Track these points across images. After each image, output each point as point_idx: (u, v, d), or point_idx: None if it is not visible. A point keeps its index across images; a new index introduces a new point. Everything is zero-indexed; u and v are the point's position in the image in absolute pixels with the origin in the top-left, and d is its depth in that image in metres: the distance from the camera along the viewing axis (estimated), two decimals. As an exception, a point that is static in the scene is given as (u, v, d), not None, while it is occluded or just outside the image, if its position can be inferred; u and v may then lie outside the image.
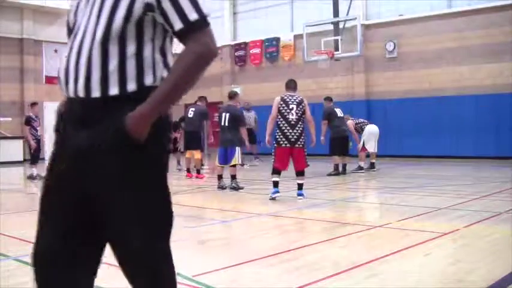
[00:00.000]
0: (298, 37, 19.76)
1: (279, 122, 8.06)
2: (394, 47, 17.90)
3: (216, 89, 23.32)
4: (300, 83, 21.68)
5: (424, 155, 16.73)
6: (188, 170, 12.36)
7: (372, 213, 7.06)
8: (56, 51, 21.35)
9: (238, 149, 9.37)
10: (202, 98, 12.63)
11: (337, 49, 16.13)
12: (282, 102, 8.10)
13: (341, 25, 16.62)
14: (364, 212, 7.15)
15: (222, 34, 23.26)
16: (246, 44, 22.33)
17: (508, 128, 15.38)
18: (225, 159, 9.51)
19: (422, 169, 13.86)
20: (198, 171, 12.18)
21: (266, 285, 3.80)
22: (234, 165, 9.48)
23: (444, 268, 4.14)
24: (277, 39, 21.23)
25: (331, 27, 16.75)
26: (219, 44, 22.89)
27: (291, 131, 7.94)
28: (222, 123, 9.40)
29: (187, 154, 12.36)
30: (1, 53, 19.94)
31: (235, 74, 22.88)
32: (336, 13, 16.66)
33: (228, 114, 9.38)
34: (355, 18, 16.35)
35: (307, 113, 8.14)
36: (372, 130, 13.05)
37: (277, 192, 8.10)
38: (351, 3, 16.71)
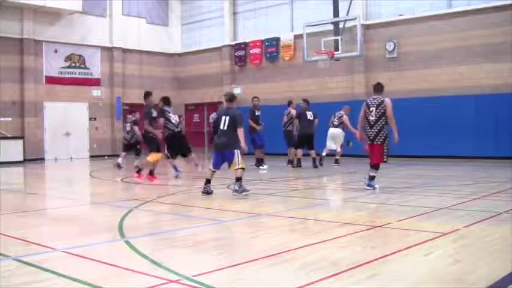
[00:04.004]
0: (298, 37, 19.77)
1: (364, 122, 9.18)
2: (394, 47, 17.90)
3: (216, 89, 23.36)
4: (300, 83, 21.92)
5: (424, 155, 16.74)
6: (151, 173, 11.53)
7: (372, 213, 7.06)
8: (56, 51, 21.34)
9: (237, 152, 8.59)
10: (148, 96, 11.86)
11: (337, 49, 16.13)
12: (365, 106, 9.24)
13: (341, 25, 16.62)
14: (364, 212, 7.14)
15: (222, 34, 23.30)
16: (246, 44, 22.33)
17: (508, 128, 15.37)
18: (219, 164, 8.85)
19: (422, 169, 13.86)
20: (139, 171, 11.56)
21: (266, 285, 3.80)
22: (242, 168, 8.61)
23: (444, 268, 4.14)
24: (277, 39, 21.24)
25: (331, 27, 16.75)
26: (219, 44, 23.13)
27: (370, 130, 9.03)
28: (221, 127, 8.68)
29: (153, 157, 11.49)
30: (1, 53, 19.94)
31: (235, 74, 22.89)
32: (336, 13, 16.65)
33: (227, 118, 8.70)
34: (355, 18, 16.35)
35: (387, 112, 8.98)
36: (329, 133, 15.08)
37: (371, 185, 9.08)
38: (351, 3, 16.71)
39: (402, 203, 7.84)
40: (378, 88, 9.37)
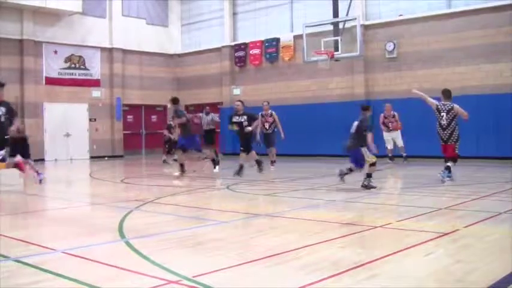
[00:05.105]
0: (298, 37, 19.77)
1: (436, 126, 10.35)
2: (394, 47, 17.90)
3: (215, 90, 23.36)
4: (299, 84, 21.92)
5: (424, 155, 16.73)
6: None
7: (372, 214, 7.06)
8: (55, 52, 21.35)
9: (363, 149, 9.52)
10: None
11: (337, 49, 16.12)
12: (436, 110, 10.38)
13: (341, 25, 16.62)
14: (364, 212, 7.14)
15: (222, 35, 23.30)
16: (245, 44, 22.33)
17: (508, 128, 15.36)
18: (356, 162, 9.72)
19: (423, 169, 13.86)
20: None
21: (266, 286, 3.80)
22: (373, 164, 9.52)
23: (444, 268, 4.14)
24: (277, 40, 21.24)
25: (331, 27, 16.74)
26: (219, 44, 23.07)
27: (443, 132, 10.26)
28: (351, 130, 9.70)
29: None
30: (1, 54, 19.94)
31: (235, 75, 22.89)
32: (335, 13, 16.65)
33: (356, 123, 9.69)
34: (355, 18, 16.35)
35: (460, 113, 10.17)
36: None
37: (449, 175, 10.12)
38: (350, 3, 16.71)
39: (402, 203, 7.84)
40: (447, 94, 10.43)
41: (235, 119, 12.71)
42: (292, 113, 20.02)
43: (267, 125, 14.71)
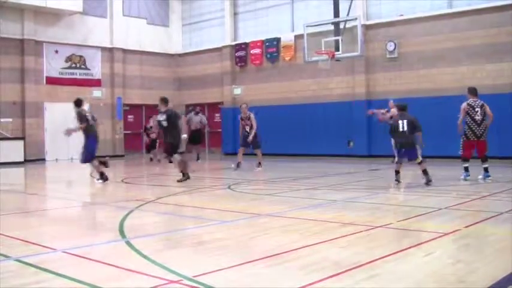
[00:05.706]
0: (298, 37, 19.77)
1: (468, 122, 10.49)
2: (395, 47, 17.90)
3: (216, 90, 23.36)
4: (300, 84, 21.93)
5: (424, 155, 16.70)
6: None
7: (373, 214, 7.05)
8: (56, 51, 21.35)
9: (417, 148, 10.26)
10: None
11: (337, 49, 16.10)
12: (468, 107, 10.51)
13: (341, 25, 16.60)
14: (364, 212, 7.13)
15: (222, 34, 23.30)
16: (246, 44, 22.33)
17: (508, 128, 15.35)
18: (403, 158, 10.40)
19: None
20: None
21: (266, 286, 3.80)
22: (421, 162, 10.19)
23: (445, 268, 4.14)
24: (278, 40, 21.24)
25: (331, 27, 16.73)
26: (219, 44, 23.11)
27: (478, 128, 10.46)
28: (401, 129, 10.13)
29: None
30: (2, 54, 19.95)
31: (235, 75, 22.89)
32: (336, 13, 16.64)
33: (405, 121, 10.11)
34: (356, 18, 16.33)
35: (489, 113, 10.47)
36: None
37: (468, 175, 10.58)
38: (351, 3, 16.69)
39: (402, 203, 7.83)
40: (474, 92, 10.72)
41: (158, 117, 11.85)
42: (293, 112, 20.04)
43: (247, 128, 14.21)
